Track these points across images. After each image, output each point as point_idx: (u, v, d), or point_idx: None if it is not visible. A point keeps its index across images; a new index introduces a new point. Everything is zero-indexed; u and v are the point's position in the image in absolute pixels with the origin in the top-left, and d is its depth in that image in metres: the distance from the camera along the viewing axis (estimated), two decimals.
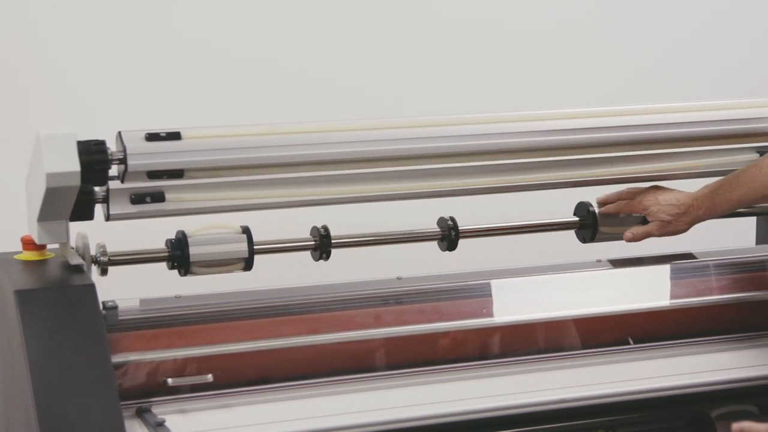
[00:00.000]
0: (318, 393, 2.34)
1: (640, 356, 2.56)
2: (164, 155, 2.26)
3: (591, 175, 2.62)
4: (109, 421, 2.03)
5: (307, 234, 2.51)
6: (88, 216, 2.29)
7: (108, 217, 2.31)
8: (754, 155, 2.68)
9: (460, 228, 2.58)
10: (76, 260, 2.32)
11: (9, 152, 3.04)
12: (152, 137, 2.26)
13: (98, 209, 2.30)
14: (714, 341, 2.63)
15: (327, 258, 2.49)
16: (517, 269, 2.61)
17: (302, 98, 3.49)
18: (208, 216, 2.38)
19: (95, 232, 2.37)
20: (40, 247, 2.37)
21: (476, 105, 3.51)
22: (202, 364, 2.30)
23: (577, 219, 2.72)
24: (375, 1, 3.60)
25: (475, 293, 2.53)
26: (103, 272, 2.34)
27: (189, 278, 2.39)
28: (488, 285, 2.54)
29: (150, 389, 2.27)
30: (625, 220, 2.69)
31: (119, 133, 2.26)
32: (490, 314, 2.51)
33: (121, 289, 2.39)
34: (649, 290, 2.65)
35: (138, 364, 2.27)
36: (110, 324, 2.26)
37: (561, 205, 2.76)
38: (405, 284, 2.51)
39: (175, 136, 2.28)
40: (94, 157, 2.19)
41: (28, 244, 2.37)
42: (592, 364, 2.51)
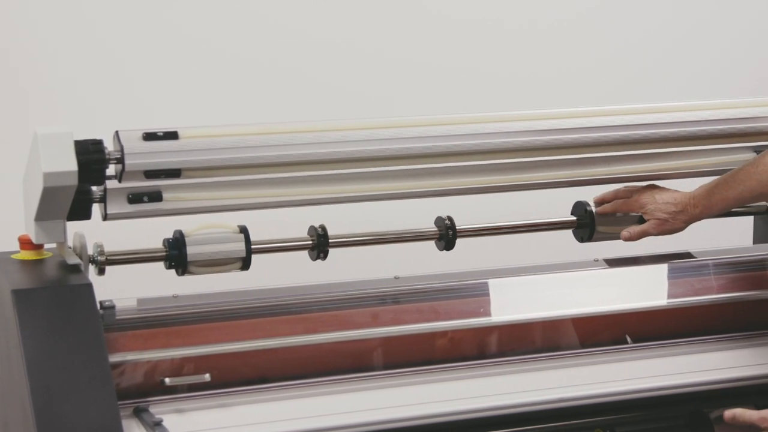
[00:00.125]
0: (315, 392, 2.34)
1: (637, 356, 2.56)
2: (161, 155, 2.26)
3: (588, 175, 2.62)
4: (106, 420, 2.03)
5: (304, 233, 2.51)
6: (86, 215, 2.29)
7: (105, 217, 2.31)
8: (751, 154, 2.68)
9: (457, 227, 2.58)
10: (73, 260, 2.32)
11: (6, 152, 3.04)
12: (149, 137, 2.26)
13: (95, 209, 2.30)
14: (711, 340, 2.63)
15: (324, 257, 2.49)
16: (514, 269, 2.61)
17: (300, 98, 3.49)
18: (205, 215, 2.38)
19: (92, 232, 2.37)
20: (38, 247, 2.37)
21: (475, 104, 3.53)
22: (199, 364, 2.30)
23: (574, 218, 2.72)
24: (373, 0, 3.60)
25: (472, 293, 2.53)
26: (101, 272, 2.34)
27: (186, 278, 2.38)
28: (486, 284, 2.54)
29: (147, 389, 2.27)
30: (623, 220, 2.69)
31: (116, 132, 2.25)
32: (487, 314, 2.51)
33: (119, 289, 2.39)
34: (647, 290, 2.65)
35: (135, 364, 2.27)
36: (107, 323, 2.26)
37: (558, 205, 2.76)
38: (402, 284, 2.51)
39: (172, 135, 2.28)
40: (92, 157, 2.19)
41: (25, 243, 2.37)
42: (589, 363, 2.51)
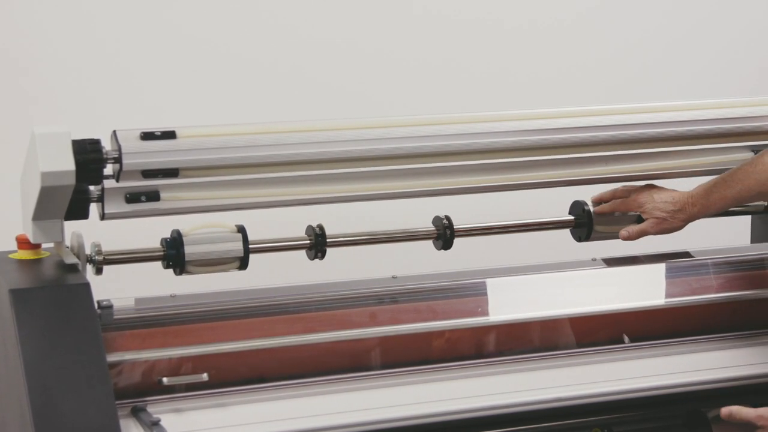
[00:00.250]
0: (313, 392, 2.34)
1: (635, 355, 2.56)
2: (159, 154, 2.26)
3: (586, 174, 2.62)
4: (104, 420, 2.03)
5: (302, 233, 2.50)
6: (83, 215, 2.29)
7: (103, 216, 2.31)
8: (749, 154, 2.68)
9: (455, 227, 2.58)
10: (71, 259, 2.32)
11: (4, 151, 3.04)
12: (147, 136, 2.26)
13: (93, 208, 2.30)
14: (709, 340, 2.63)
15: (322, 257, 2.49)
16: (512, 268, 2.61)
17: (299, 97, 3.49)
18: (203, 215, 2.38)
19: (90, 231, 2.37)
20: (35, 246, 2.37)
21: (475, 104, 3.54)
22: (197, 363, 2.30)
23: (572, 218, 2.72)
24: (372, 0, 3.60)
25: (470, 292, 2.53)
26: (98, 271, 2.34)
27: (184, 277, 2.38)
28: (483, 284, 2.54)
29: (145, 388, 2.27)
30: (621, 219, 2.69)
31: (114, 132, 2.25)
32: (485, 313, 2.51)
33: (116, 289, 2.39)
34: (645, 289, 2.65)
35: (133, 364, 2.26)
36: (105, 323, 2.26)
37: (556, 204, 2.76)
38: (400, 283, 2.51)
39: (170, 135, 2.28)
40: (89, 156, 2.18)
41: (23, 243, 2.37)
42: (587, 363, 2.51)
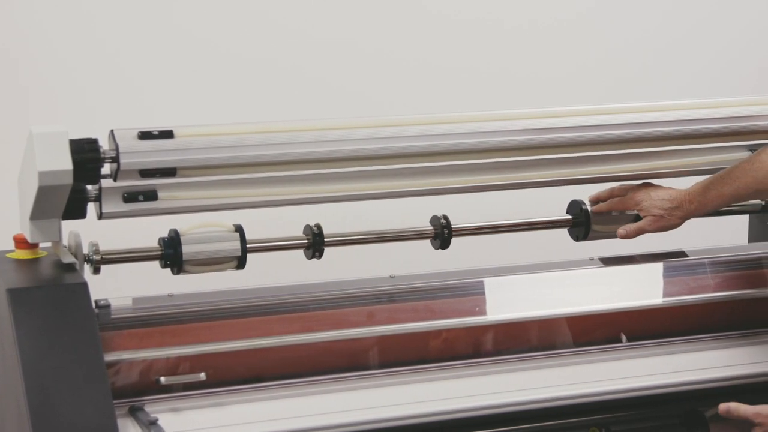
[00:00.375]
0: (311, 391, 2.34)
1: (632, 354, 2.56)
2: (157, 153, 2.26)
3: (584, 174, 2.62)
4: (101, 419, 2.03)
5: (299, 232, 2.50)
6: (81, 214, 2.29)
7: (100, 216, 2.31)
8: (747, 153, 2.68)
9: (453, 226, 2.58)
10: (68, 259, 2.32)
11: (1, 151, 3.04)
12: (145, 136, 2.26)
13: (91, 208, 2.30)
14: (707, 339, 2.63)
15: (320, 256, 2.49)
16: (509, 267, 2.61)
17: (298, 96, 3.48)
18: (200, 214, 2.38)
19: (88, 231, 2.36)
20: (33, 246, 2.37)
21: (474, 103, 3.54)
22: (195, 363, 2.30)
23: (570, 217, 2.72)
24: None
25: (467, 291, 2.53)
26: (96, 271, 2.34)
27: (182, 277, 2.38)
28: (481, 283, 2.54)
29: (143, 388, 2.27)
30: (618, 218, 2.69)
31: (112, 131, 2.25)
32: (482, 312, 2.51)
33: (114, 288, 2.39)
34: (642, 288, 2.66)
35: (131, 363, 2.27)
36: (103, 322, 2.25)
37: (554, 204, 2.76)
38: (398, 282, 2.51)
39: (167, 134, 2.28)
40: (87, 156, 2.18)
41: (20, 242, 2.37)
42: (584, 362, 2.51)
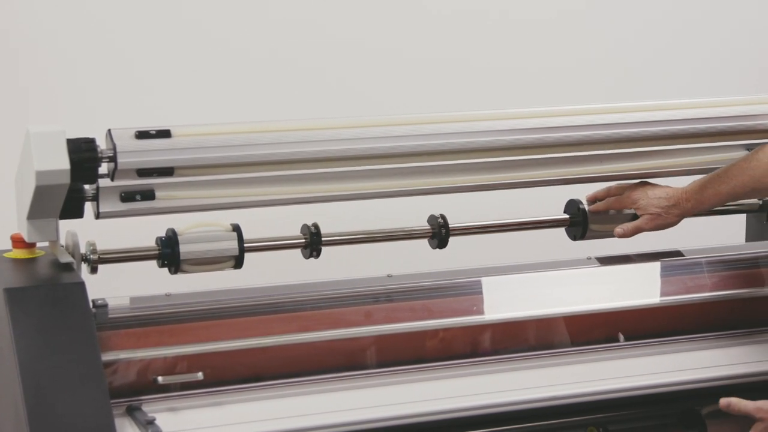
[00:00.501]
0: (309, 391, 2.34)
1: (630, 353, 2.56)
2: (154, 153, 2.26)
3: (581, 173, 2.62)
4: (99, 419, 2.03)
5: (297, 232, 2.50)
6: (78, 214, 2.28)
7: (98, 215, 2.30)
8: (744, 152, 2.68)
9: (450, 225, 2.58)
10: (65, 258, 2.32)
11: None
12: (142, 135, 2.26)
13: (88, 207, 2.30)
14: (704, 338, 2.63)
15: (317, 256, 2.49)
16: (507, 267, 2.61)
17: (296, 95, 3.48)
18: (198, 214, 2.38)
19: (85, 230, 2.36)
20: (30, 245, 2.37)
21: (472, 101, 3.54)
22: (192, 362, 2.30)
23: (567, 216, 2.72)
24: None
25: (465, 291, 2.53)
26: (93, 270, 2.34)
27: (179, 276, 2.38)
28: (479, 283, 2.54)
29: (140, 387, 2.26)
30: (615, 218, 2.69)
31: (109, 130, 2.25)
32: (480, 312, 2.51)
33: (111, 288, 2.38)
34: (639, 288, 2.66)
35: (128, 362, 2.26)
36: (100, 322, 2.25)
37: (551, 203, 2.76)
38: (395, 282, 2.51)
39: (165, 133, 2.28)
40: (84, 155, 2.18)
41: (17, 242, 2.37)
42: (582, 361, 2.51)
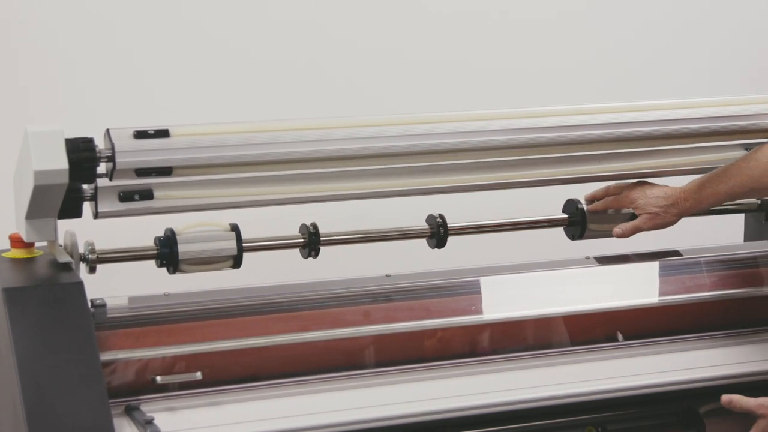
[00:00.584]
0: (307, 390, 2.34)
1: (629, 353, 2.56)
2: (152, 153, 2.26)
3: (580, 173, 2.62)
4: (97, 418, 2.03)
5: (296, 231, 2.50)
6: (77, 214, 2.28)
7: (96, 215, 2.30)
8: (742, 152, 2.68)
9: (449, 225, 2.58)
10: (64, 258, 2.32)
11: None
12: (140, 135, 2.26)
13: (86, 207, 2.30)
14: (703, 338, 2.63)
15: (316, 255, 2.49)
16: (506, 266, 2.61)
17: (295, 95, 3.48)
18: (196, 214, 2.38)
19: (83, 230, 2.36)
20: (29, 245, 2.37)
21: (471, 98, 3.53)
22: (190, 362, 2.30)
23: (565, 216, 2.72)
24: None
25: (464, 290, 2.53)
26: (92, 270, 2.34)
27: (178, 276, 2.38)
28: (477, 282, 2.54)
29: (139, 387, 2.26)
30: (614, 217, 2.69)
31: (107, 130, 2.25)
32: (479, 311, 2.51)
33: (110, 287, 2.38)
34: (638, 287, 2.66)
35: (127, 362, 2.26)
36: (99, 322, 2.25)
37: (550, 203, 2.76)
38: (394, 281, 2.51)
39: (163, 133, 2.27)
40: (82, 155, 2.18)
41: (16, 241, 2.37)
42: (581, 361, 2.51)
